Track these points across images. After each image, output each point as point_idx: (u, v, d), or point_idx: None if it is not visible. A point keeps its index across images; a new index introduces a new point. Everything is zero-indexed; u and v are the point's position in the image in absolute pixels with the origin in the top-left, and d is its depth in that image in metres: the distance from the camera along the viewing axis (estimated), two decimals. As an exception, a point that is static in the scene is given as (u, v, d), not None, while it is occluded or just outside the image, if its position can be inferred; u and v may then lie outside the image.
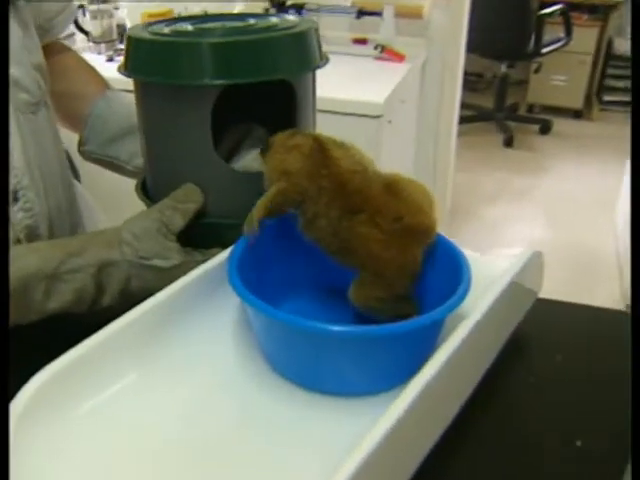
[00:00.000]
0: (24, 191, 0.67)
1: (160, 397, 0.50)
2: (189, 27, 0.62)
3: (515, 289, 0.55)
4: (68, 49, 0.86)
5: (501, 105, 3.73)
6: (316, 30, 0.60)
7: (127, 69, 0.59)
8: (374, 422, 0.39)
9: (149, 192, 0.67)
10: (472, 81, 4.27)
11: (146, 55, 0.57)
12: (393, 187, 0.52)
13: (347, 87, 1.61)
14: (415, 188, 0.53)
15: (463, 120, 3.10)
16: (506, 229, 2.79)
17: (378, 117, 1.52)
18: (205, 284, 0.56)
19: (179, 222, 0.58)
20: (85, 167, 0.90)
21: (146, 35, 0.58)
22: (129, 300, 0.57)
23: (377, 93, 1.54)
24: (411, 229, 0.51)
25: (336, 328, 0.45)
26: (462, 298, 0.48)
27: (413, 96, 1.99)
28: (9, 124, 0.60)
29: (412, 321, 0.48)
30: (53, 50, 0.81)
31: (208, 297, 0.56)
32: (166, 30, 0.60)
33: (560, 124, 3.83)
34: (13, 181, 0.65)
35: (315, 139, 0.52)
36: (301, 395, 0.50)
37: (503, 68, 3.64)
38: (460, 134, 2.37)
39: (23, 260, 0.56)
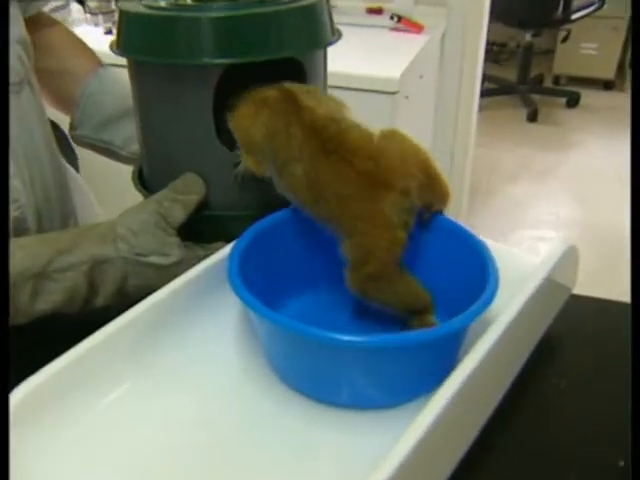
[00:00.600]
0: (9, 180, 0.64)
1: (160, 404, 0.48)
2: (187, 0, 0.58)
3: (548, 288, 0.53)
4: (55, 22, 0.82)
5: (525, 77, 3.64)
6: (327, 2, 0.57)
7: (120, 47, 0.56)
8: (393, 437, 0.38)
9: (146, 182, 0.65)
10: (494, 51, 4.19)
11: (140, 32, 0.54)
12: (376, 136, 0.50)
13: (361, 61, 1.57)
14: (406, 143, 0.50)
15: (484, 93, 3.04)
16: (529, 208, 2.74)
17: (394, 93, 1.47)
18: (206, 282, 0.54)
19: (179, 215, 0.55)
20: (80, 151, 0.88)
21: (140, 9, 0.55)
22: (125, 300, 0.55)
23: (393, 67, 1.50)
24: (387, 175, 0.48)
25: (347, 338, 0.42)
26: (489, 302, 0.45)
27: (432, 70, 1.94)
28: (9, 124, 0.58)
29: (433, 330, 0.46)
30: (38, 23, 0.77)
31: (209, 295, 0.55)
32: (162, 3, 0.57)
33: (589, 96, 3.75)
34: None
35: (282, 90, 0.51)
36: (311, 405, 0.48)
37: (528, 37, 3.55)
38: (481, 108, 2.31)
39: (21, 254, 0.53)
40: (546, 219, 2.67)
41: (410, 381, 0.48)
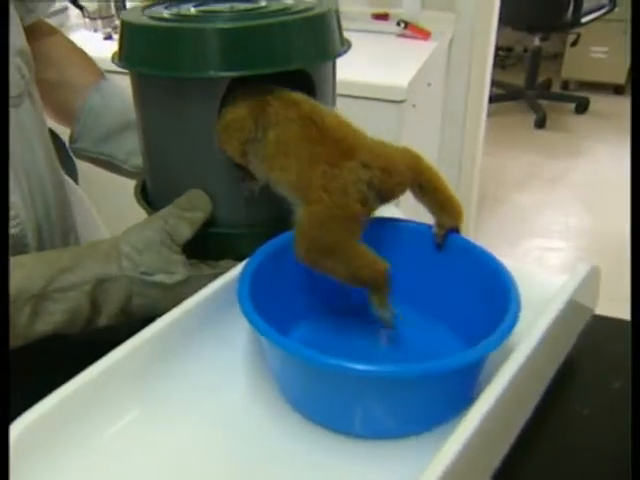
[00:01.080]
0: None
1: (168, 432, 0.48)
2: (192, 10, 0.58)
3: (570, 311, 0.53)
4: (56, 31, 0.82)
5: (533, 82, 3.65)
6: (336, 11, 0.57)
7: (122, 59, 0.55)
8: (414, 468, 0.37)
9: (149, 197, 0.64)
10: (501, 56, 4.19)
11: (143, 44, 0.54)
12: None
13: (367, 69, 1.57)
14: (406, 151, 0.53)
15: (491, 99, 3.04)
16: (538, 217, 2.74)
17: (401, 102, 1.47)
18: (214, 305, 0.54)
19: (185, 232, 0.55)
20: (81, 165, 0.88)
21: (143, 20, 0.54)
22: (129, 319, 0.55)
23: (400, 75, 1.50)
24: (353, 146, 0.50)
25: (364, 367, 0.42)
26: (511, 328, 0.45)
27: (439, 77, 1.94)
28: (9, 124, 0.57)
29: (455, 359, 0.45)
30: (38, 33, 0.77)
31: (217, 319, 0.54)
32: (166, 14, 0.57)
33: (598, 102, 3.75)
34: None
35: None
36: (325, 435, 0.48)
37: (536, 41, 3.56)
38: (488, 115, 2.32)
39: (21, 275, 0.53)
40: (555, 228, 2.67)
41: (429, 410, 0.47)
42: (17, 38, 0.66)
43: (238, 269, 0.54)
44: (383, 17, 1.83)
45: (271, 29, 0.52)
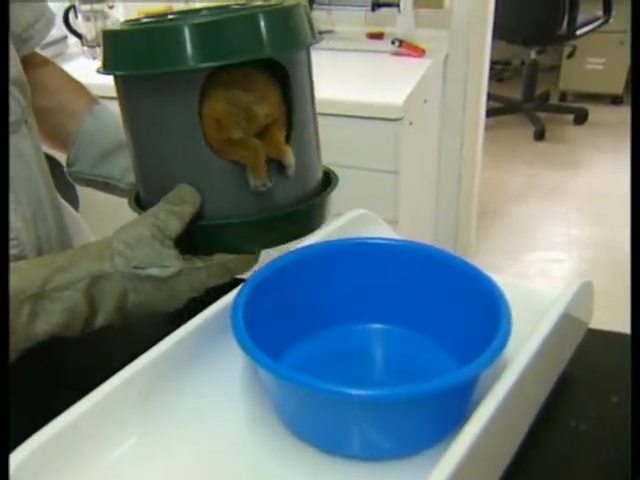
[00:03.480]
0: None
1: (166, 459, 0.48)
2: (169, 16, 0.61)
3: (563, 326, 0.53)
4: (49, 62, 0.84)
5: (530, 95, 3.67)
6: (305, 7, 0.58)
7: (105, 67, 0.57)
8: None
9: (142, 202, 0.66)
10: (498, 70, 4.22)
11: (119, 48, 0.56)
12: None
13: (363, 88, 1.59)
14: None
15: (489, 113, 3.06)
16: (539, 229, 2.75)
17: (398, 120, 1.49)
18: (208, 332, 0.55)
19: (175, 226, 0.56)
20: (80, 192, 0.89)
21: (120, 27, 0.57)
22: (127, 319, 0.56)
23: (396, 93, 1.51)
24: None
25: (355, 392, 0.42)
26: (502, 348, 0.46)
27: (435, 93, 1.96)
28: (8, 124, 0.59)
29: (441, 380, 0.45)
30: (33, 63, 0.79)
31: (213, 346, 0.55)
32: (144, 21, 0.60)
33: (597, 112, 3.77)
34: None
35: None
36: (320, 458, 0.48)
37: (532, 54, 3.58)
38: (486, 128, 2.33)
39: (16, 277, 0.54)
40: (557, 240, 2.67)
41: (423, 430, 0.48)
42: (14, 68, 0.68)
43: (231, 296, 0.55)
44: (378, 36, 1.86)
45: (239, 21, 0.54)
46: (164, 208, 0.56)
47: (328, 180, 0.64)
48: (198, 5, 0.62)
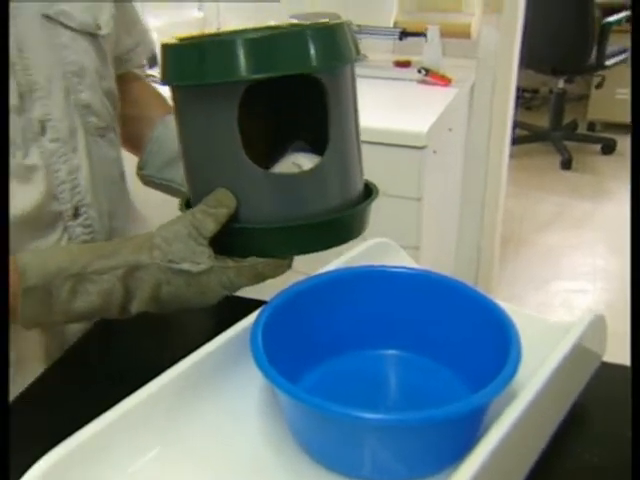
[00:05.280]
0: (86, 208, 0.76)
1: (185, 473, 0.50)
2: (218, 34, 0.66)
3: (575, 359, 0.54)
4: (141, 78, 0.96)
5: (558, 123, 3.67)
6: (349, 25, 0.61)
7: (162, 78, 0.61)
8: None
9: (190, 207, 0.69)
10: (525, 98, 4.23)
11: (173, 60, 0.60)
12: None
13: (388, 115, 1.62)
14: None
15: (516, 141, 3.07)
16: (564, 259, 2.74)
17: (422, 148, 1.51)
18: (229, 352, 0.57)
19: (210, 226, 0.59)
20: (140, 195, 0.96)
21: (176, 42, 0.61)
22: (160, 309, 0.61)
23: (420, 122, 1.54)
24: None
25: (369, 416, 0.44)
26: (511, 377, 0.47)
27: (460, 122, 1.98)
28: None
29: (451, 407, 0.47)
30: (127, 79, 0.91)
31: (233, 365, 0.58)
32: (196, 37, 0.64)
33: (625, 143, 3.75)
34: (76, 197, 0.75)
35: None
36: (333, 479, 0.50)
37: (561, 83, 3.59)
38: (513, 156, 2.34)
39: (49, 258, 0.60)
40: (581, 270, 2.66)
41: (433, 455, 0.49)
42: (108, 82, 0.80)
43: (251, 318, 0.58)
44: (405, 65, 1.89)
45: (286, 36, 0.57)
46: (201, 209, 0.60)
47: (369, 192, 0.65)
48: (246, 26, 0.66)
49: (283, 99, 0.67)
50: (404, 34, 1.85)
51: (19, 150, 0.69)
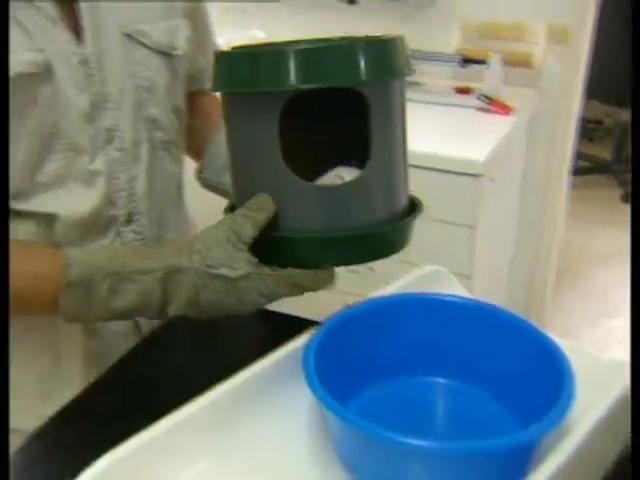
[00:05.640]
0: (139, 216, 0.80)
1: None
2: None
3: (624, 404, 0.53)
4: (209, 93, 1.00)
5: (620, 156, 3.59)
6: (401, 40, 0.61)
7: (214, 85, 0.63)
8: None
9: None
10: (588, 128, 4.15)
11: (220, 69, 0.61)
12: None
13: (446, 141, 1.61)
14: None
15: (577, 172, 3.01)
16: (620, 295, 2.66)
17: (478, 176, 1.50)
18: (280, 370, 0.58)
19: (249, 231, 0.60)
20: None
21: (228, 50, 0.63)
22: (198, 313, 0.62)
23: (479, 149, 1.54)
24: None
25: (416, 442, 0.45)
26: (564, 414, 0.47)
27: (520, 151, 1.96)
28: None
29: (502, 440, 0.47)
30: (198, 94, 0.96)
31: (283, 383, 0.58)
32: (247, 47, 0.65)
33: (690, 179, 3.64)
34: (132, 205, 0.79)
35: None
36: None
37: (625, 115, 3.52)
38: (572, 187, 2.30)
39: (93, 254, 0.62)
40: (639, 307, 2.58)
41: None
42: (178, 99, 0.84)
43: (304, 338, 0.59)
44: (465, 91, 1.88)
45: (328, 50, 0.57)
46: (241, 213, 0.61)
47: (413, 208, 0.65)
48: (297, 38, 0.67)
49: (333, 114, 0.68)
50: (465, 61, 1.85)
51: (86, 155, 0.73)
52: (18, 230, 0.72)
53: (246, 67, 0.58)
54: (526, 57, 1.86)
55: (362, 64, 0.56)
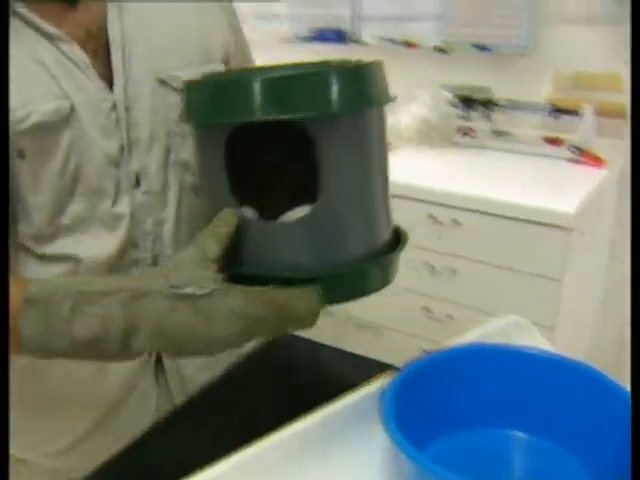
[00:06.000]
0: (165, 259, 0.78)
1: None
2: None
3: None
4: None
5: None
6: (379, 66, 0.57)
7: (181, 117, 0.64)
8: None
9: None
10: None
11: (187, 100, 0.61)
12: None
13: (535, 192, 1.59)
14: None
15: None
16: None
17: (568, 229, 1.47)
18: (355, 412, 0.59)
19: (214, 248, 0.58)
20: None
21: (196, 80, 0.62)
22: (167, 346, 0.58)
23: (568, 202, 1.51)
24: None
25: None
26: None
27: (611, 205, 1.91)
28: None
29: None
30: None
31: (357, 426, 0.59)
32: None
33: None
34: (157, 247, 0.78)
35: None
36: None
37: None
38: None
39: (55, 278, 0.62)
40: None
41: None
42: (182, 151, 0.78)
43: (379, 383, 0.60)
44: (555, 142, 1.86)
45: (264, 82, 0.53)
46: (206, 231, 0.59)
47: (397, 241, 0.62)
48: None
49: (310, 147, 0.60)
50: (556, 111, 1.83)
51: (109, 198, 0.73)
52: (41, 273, 0.73)
53: (194, 99, 0.58)
54: (620, 107, 1.82)
55: (300, 97, 0.52)
